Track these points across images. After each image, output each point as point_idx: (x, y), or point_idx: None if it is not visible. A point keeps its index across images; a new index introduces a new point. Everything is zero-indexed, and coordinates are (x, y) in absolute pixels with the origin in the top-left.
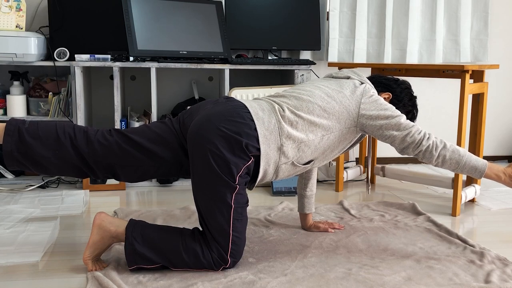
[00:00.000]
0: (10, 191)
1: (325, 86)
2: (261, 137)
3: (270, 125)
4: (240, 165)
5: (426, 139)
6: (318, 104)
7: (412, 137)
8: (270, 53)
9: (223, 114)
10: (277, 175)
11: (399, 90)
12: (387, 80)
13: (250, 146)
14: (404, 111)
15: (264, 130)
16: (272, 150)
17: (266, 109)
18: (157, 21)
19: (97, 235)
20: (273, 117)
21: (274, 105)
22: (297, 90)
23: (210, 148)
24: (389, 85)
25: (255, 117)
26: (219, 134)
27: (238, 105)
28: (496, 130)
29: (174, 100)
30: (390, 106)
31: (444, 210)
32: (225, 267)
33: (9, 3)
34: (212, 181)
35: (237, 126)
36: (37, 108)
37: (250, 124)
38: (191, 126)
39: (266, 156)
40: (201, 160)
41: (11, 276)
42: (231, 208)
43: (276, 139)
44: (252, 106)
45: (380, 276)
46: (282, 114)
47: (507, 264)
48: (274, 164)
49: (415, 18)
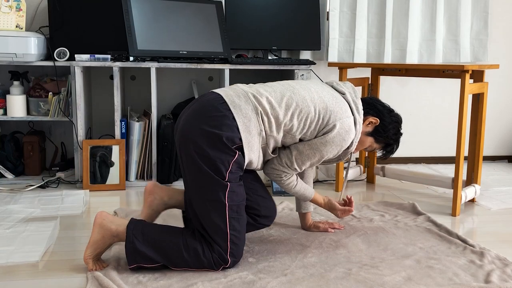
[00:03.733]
0: (10, 191)
1: (316, 90)
2: (240, 125)
3: (247, 112)
4: (227, 161)
5: (284, 179)
6: (295, 100)
7: (280, 174)
8: (270, 53)
9: (199, 113)
10: (264, 157)
11: (389, 121)
12: (382, 107)
13: (232, 137)
14: (385, 143)
15: (242, 118)
16: (253, 136)
17: (242, 95)
18: (157, 21)
19: (98, 234)
20: (249, 103)
21: (250, 90)
22: (280, 83)
23: (195, 149)
24: (382, 112)
25: (232, 106)
26: (200, 133)
27: (213, 97)
28: (496, 130)
29: (174, 100)
30: (324, 154)
31: (444, 210)
32: (225, 267)
33: (9, 3)
34: (203, 181)
35: (216, 120)
36: (37, 108)
37: (227, 115)
38: (177, 133)
39: (249, 144)
40: (189, 162)
41: (11, 276)
42: (225, 206)
43: (255, 125)
44: (228, 95)
45: (380, 276)
46: (259, 99)
47: (507, 264)
48: (257, 150)
49: (415, 18)
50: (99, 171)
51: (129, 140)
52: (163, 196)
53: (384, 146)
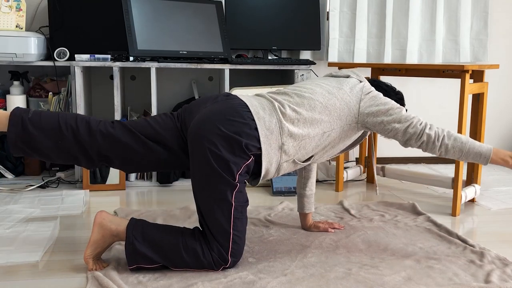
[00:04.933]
0: (10, 191)
1: (326, 84)
2: (262, 137)
3: (271, 125)
4: (240, 163)
5: (428, 129)
6: (319, 101)
7: (413, 128)
8: (270, 53)
9: (223, 113)
10: (278, 173)
11: (395, 99)
12: (387, 86)
13: (250, 145)
14: None
15: (265, 130)
16: (274, 149)
17: (267, 108)
18: (157, 21)
19: (98, 233)
20: (274, 116)
21: (275, 103)
22: (298, 88)
23: (210, 147)
24: (387, 91)
25: (256, 117)
26: (218, 134)
27: (238, 103)
28: (496, 130)
29: (174, 100)
30: (389, 100)
31: (444, 210)
32: (225, 267)
33: (9, 3)
34: (212, 179)
35: (237, 126)
36: (37, 108)
37: (250, 124)
38: (191, 125)
39: (268, 156)
40: (201, 159)
41: (11, 276)
42: (231, 206)
43: (277, 138)
44: (253, 105)
45: (380, 276)
46: (283, 112)
47: (507, 264)
48: (276, 163)
49: (415, 18)
50: (99, 171)
51: None
52: None
53: None
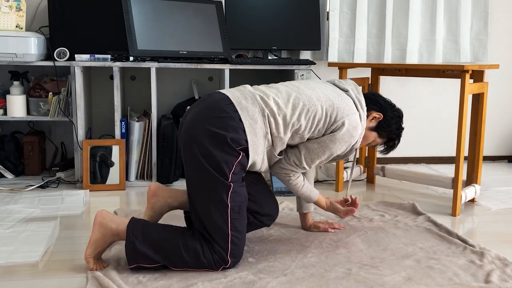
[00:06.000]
0: (10, 191)
1: (320, 89)
2: (247, 127)
3: (254, 114)
4: (231, 161)
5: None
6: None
7: (289, 170)
8: (270, 53)
9: (205, 112)
10: (263, 163)
11: (391, 115)
12: (384, 102)
13: (236, 139)
14: (388, 138)
15: (249, 120)
16: (259, 138)
17: (249, 97)
18: (157, 21)
19: (98, 232)
20: (256, 106)
21: (256, 93)
22: (292, 86)
23: (199, 149)
24: (384, 107)
25: (239, 107)
26: (205, 134)
27: (219, 98)
28: (496, 130)
29: (174, 100)
30: (329, 153)
31: (444, 210)
32: (225, 267)
33: (9, 3)
34: (206, 181)
35: (221, 121)
36: (37, 108)
37: (234, 116)
38: (181, 133)
39: (254, 146)
40: (193, 161)
41: (11, 276)
42: (227, 207)
43: (261, 127)
44: (235, 96)
45: (380, 276)
46: (265, 102)
47: (507, 264)
48: (261, 153)
49: (415, 18)
50: (99, 171)
51: (129, 140)
52: (167, 198)
53: (387, 141)
